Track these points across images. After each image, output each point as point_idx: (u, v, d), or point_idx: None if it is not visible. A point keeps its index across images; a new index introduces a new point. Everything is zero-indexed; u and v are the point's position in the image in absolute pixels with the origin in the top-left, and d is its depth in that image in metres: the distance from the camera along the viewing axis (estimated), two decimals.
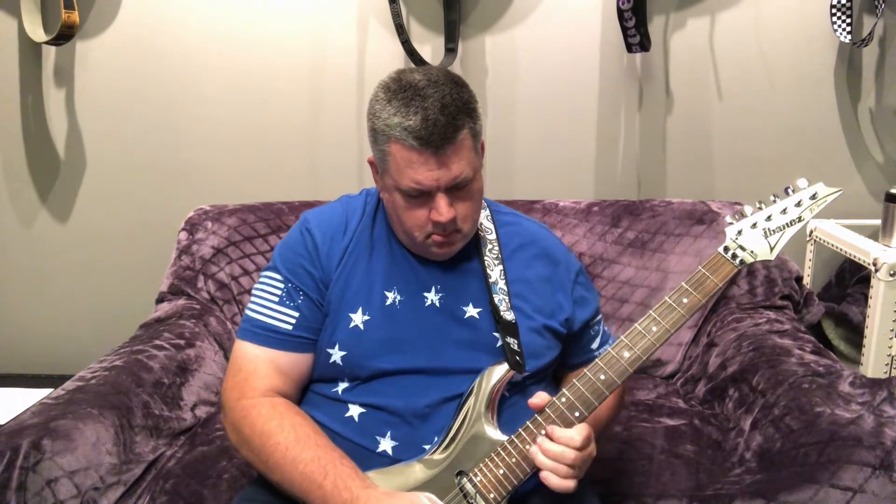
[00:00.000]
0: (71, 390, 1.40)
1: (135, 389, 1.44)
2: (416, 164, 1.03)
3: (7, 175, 2.23)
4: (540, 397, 1.04)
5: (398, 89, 1.04)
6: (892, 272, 1.71)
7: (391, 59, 2.05)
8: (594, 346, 1.26)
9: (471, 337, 1.13)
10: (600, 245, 1.84)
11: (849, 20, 1.92)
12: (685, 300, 1.04)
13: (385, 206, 1.15)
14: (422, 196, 1.06)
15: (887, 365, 1.78)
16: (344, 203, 1.22)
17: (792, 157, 2.07)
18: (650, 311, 1.05)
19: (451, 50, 1.99)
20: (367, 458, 1.07)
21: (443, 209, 1.05)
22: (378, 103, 1.06)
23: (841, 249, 1.91)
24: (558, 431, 1.00)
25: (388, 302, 1.14)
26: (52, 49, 2.12)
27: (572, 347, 1.24)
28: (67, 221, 2.25)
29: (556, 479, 0.99)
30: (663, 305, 1.05)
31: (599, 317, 1.28)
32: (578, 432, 1.00)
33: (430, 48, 2.05)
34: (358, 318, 1.12)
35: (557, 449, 0.99)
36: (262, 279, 1.17)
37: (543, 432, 1.01)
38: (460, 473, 1.04)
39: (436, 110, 1.01)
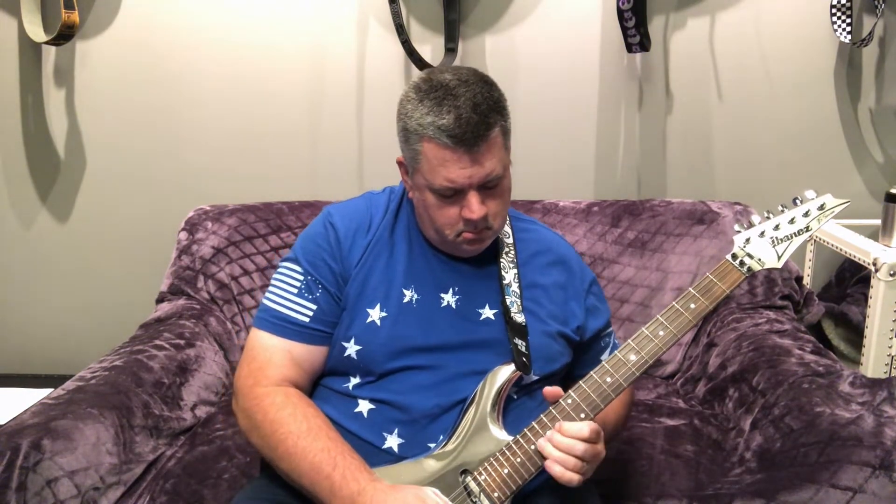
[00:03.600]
0: (71, 390, 1.40)
1: (135, 389, 1.44)
2: (449, 162, 1.04)
3: (7, 175, 2.23)
4: (554, 388, 1.04)
5: (429, 89, 1.05)
6: (892, 272, 1.71)
7: (391, 59, 2.05)
8: (604, 357, 1.26)
9: (484, 338, 1.14)
10: (600, 245, 1.84)
11: (849, 20, 1.92)
12: (693, 305, 1.06)
13: (415, 205, 1.16)
14: (454, 195, 1.07)
15: (887, 365, 1.78)
16: (367, 199, 1.23)
17: (792, 157, 2.07)
18: (658, 316, 1.06)
19: (451, 50, 1.99)
20: (372, 455, 1.08)
21: (475, 207, 1.06)
22: (410, 103, 1.07)
23: (841, 249, 1.91)
24: (567, 425, 1.00)
25: (406, 300, 1.15)
26: (52, 49, 2.12)
27: (582, 357, 1.25)
28: (67, 222, 2.25)
29: (560, 469, 0.99)
30: (671, 310, 1.06)
31: (611, 329, 1.29)
32: (587, 425, 1.00)
33: (430, 48, 2.05)
34: (375, 314, 1.14)
35: (567, 442, 0.99)
36: (281, 269, 1.18)
37: (550, 432, 1.02)
38: (465, 472, 1.05)
39: (468, 109, 1.02)
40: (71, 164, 2.20)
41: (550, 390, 1.04)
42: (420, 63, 1.95)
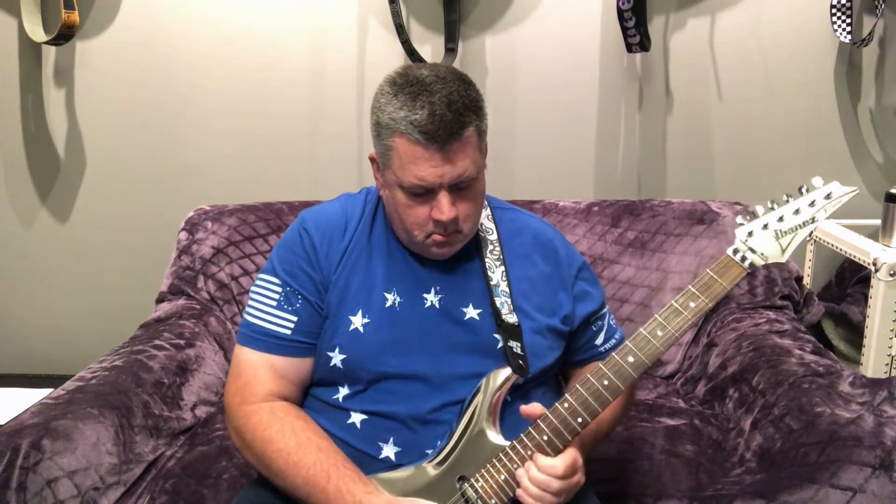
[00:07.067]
0: (71, 390, 1.40)
1: (135, 389, 1.44)
2: (420, 159, 1.02)
3: (7, 175, 2.23)
4: (534, 407, 1.03)
5: (405, 83, 1.03)
6: (892, 272, 1.71)
7: (391, 59, 2.05)
8: (598, 341, 1.23)
9: (471, 339, 1.12)
10: (600, 245, 1.84)
11: (849, 20, 1.92)
12: (692, 304, 1.02)
13: (385, 204, 1.13)
14: (424, 194, 1.05)
15: (887, 365, 1.78)
16: (343, 202, 1.20)
17: (792, 157, 2.07)
18: (656, 316, 1.03)
19: (451, 50, 1.99)
20: (369, 464, 1.07)
21: (445, 208, 1.04)
22: (384, 97, 1.04)
23: (841, 249, 1.90)
24: (541, 460, 1.00)
25: (388, 304, 1.12)
26: (52, 49, 2.12)
27: (576, 344, 1.22)
28: (67, 221, 2.25)
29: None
30: (669, 309, 1.02)
31: (604, 311, 1.25)
32: (562, 460, 1.00)
33: (430, 48, 2.05)
34: (357, 321, 1.11)
35: (543, 478, 0.99)
36: (259, 282, 1.16)
37: (527, 464, 1.01)
38: (462, 478, 1.04)
39: (443, 106, 1.00)
40: (71, 164, 2.20)
41: (527, 409, 1.03)
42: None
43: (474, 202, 1.09)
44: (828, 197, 1.03)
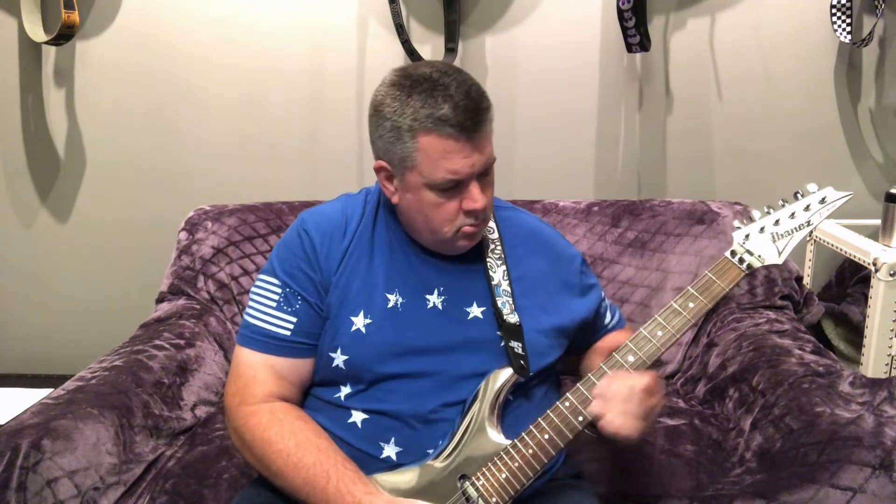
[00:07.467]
0: (71, 390, 1.40)
1: (135, 389, 1.44)
2: (451, 153, 1.02)
3: (7, 175, 2.23)
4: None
5: (413, 84, 1.03)
6: (892, 272, 1.71)
7: (391, 59, 2.05)
8: (606, 320, 1.29)
9: (474, 338, 1.12)
10: (600, 245, 1.84)
11: (849, 20, 1.92)
12: (691, 304, 1.04)
13: (403, 209, 1.11)
14: (453, 188, 1.05)
15: (887, 365, 1.78)
16: (343, 202, 1.19)
17: (792, 157, 2.07)
18: (656, 316, 1.05)
19: (451, 50, 1.99)
20: (370, 464, 1.07)
21: (477, 196, 1.05)
22: (396, 101, 1.03)
23: (841, 249, 1.91)
24: (621, 376, 1.01)
25: (390, 304, 1.12)
26: (52, 49, 2.12)
27: (589, 328, 1.26)
28: (67, 221, 2.25)
29: (618, 422, 0.98)
30: (669, 310, 1.04)
31: (602, 293, 1.30)
32: (647, 375, 1.01)
33: (430, 48, 2.05)
34: (359, 322, 1.11)
35: (623, 389, 0.99)
36: (258, 283, 1.15)
37: (532, 451, 1.02)
38: (463, 477, 1.04)
39: (462, 96, 1.01)
40: (71, 164, 2.20)
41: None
42: None
43: (491, 187, 1.11)
44: (822, 201, 1.06)
